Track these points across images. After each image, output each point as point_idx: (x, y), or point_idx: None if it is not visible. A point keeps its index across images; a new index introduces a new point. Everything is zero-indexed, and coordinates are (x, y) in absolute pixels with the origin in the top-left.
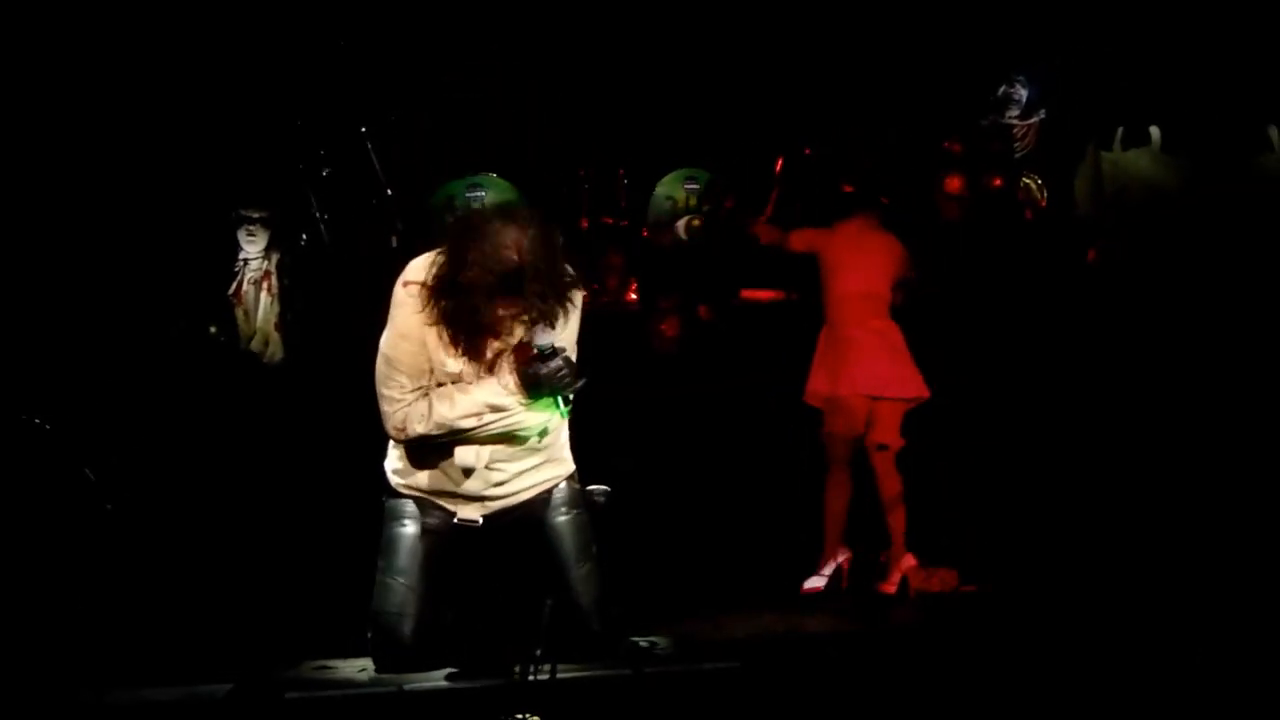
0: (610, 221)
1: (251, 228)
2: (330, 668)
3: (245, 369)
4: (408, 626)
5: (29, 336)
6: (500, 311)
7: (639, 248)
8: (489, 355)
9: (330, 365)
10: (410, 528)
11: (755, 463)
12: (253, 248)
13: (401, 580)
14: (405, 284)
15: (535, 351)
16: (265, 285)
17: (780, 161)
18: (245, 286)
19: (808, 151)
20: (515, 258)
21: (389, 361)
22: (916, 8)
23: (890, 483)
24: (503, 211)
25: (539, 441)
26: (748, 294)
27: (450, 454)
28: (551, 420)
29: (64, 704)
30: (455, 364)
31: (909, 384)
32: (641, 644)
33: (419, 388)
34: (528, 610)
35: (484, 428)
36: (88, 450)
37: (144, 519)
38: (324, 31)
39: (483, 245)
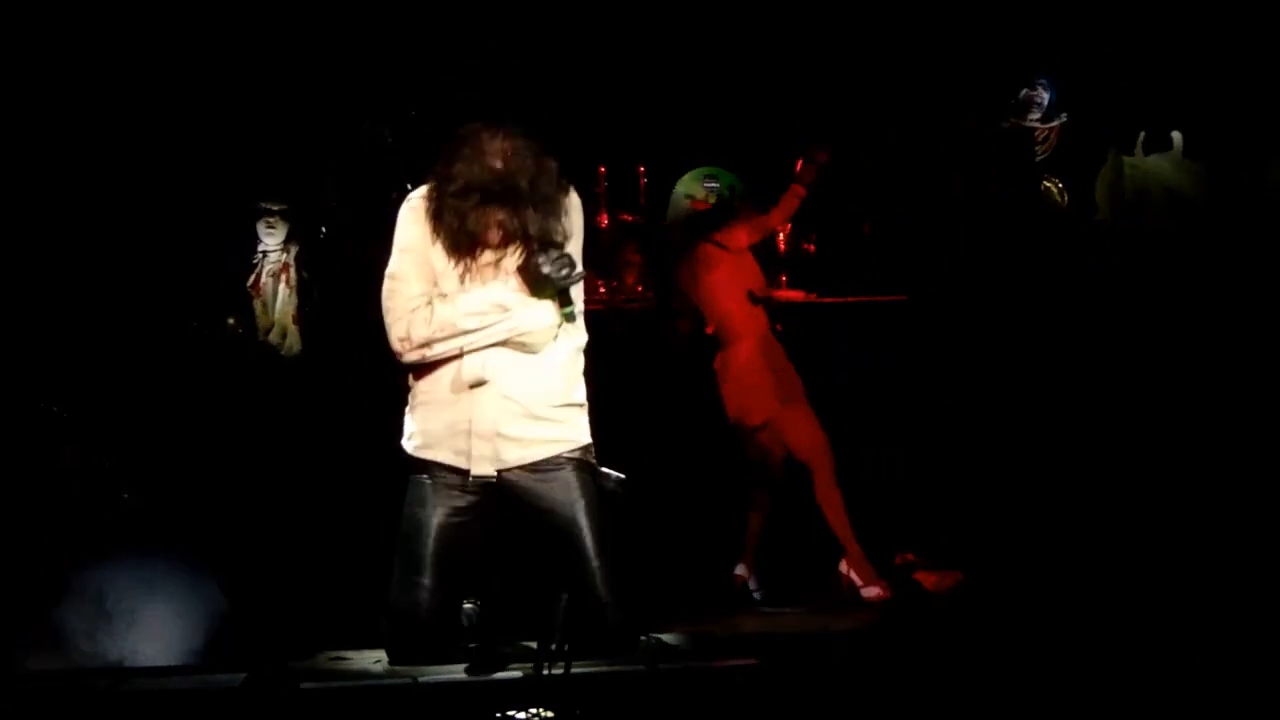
0: (629, 219)
1: (271, 220)
2: (345, 659)
3: (262, 361)
4: (423, 616)
5: (48, 328)
6: (489, 220)
7: (658, 245)
8: (486, 262)
9: (347, 358)
10: (427, 512)
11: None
12: (272, 240)
13: (418, 569)
14: (408, 201)
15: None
16: (284, 278)
17: (800, 163)
18: (264, 279)
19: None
20: (500, 165)
21: (393, 277)
22: (932, 7)
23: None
24: (489, 123)
25: (552, 349)
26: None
27: (460, 387)
28: (560, 340)
29: (81, 692)
30: (455, 271)
31: (778, 394)
32: (657, 640)
33: (423, 293)
34: (544, 604)
35: (487, 329)
36: (106, 441)
37: (161, 509)
38: (344, 24)
39: (468, 155)
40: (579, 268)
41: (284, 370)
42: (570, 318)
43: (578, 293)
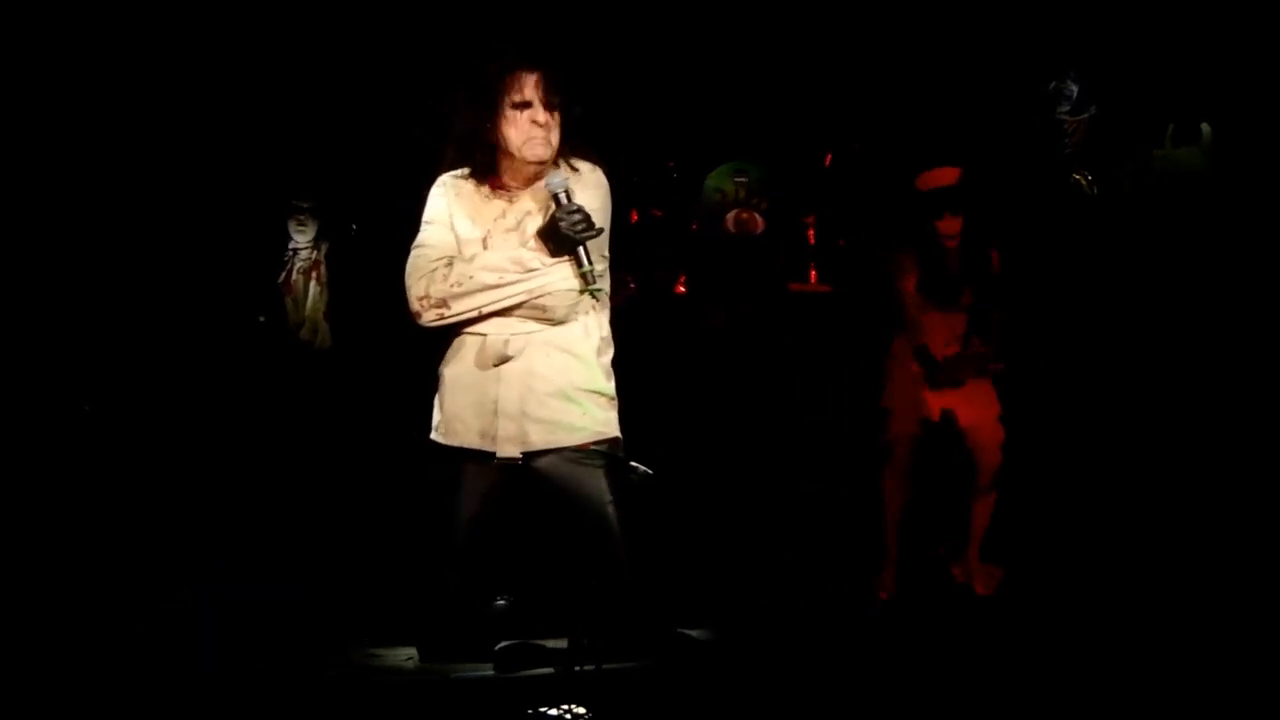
0: (659, 214)
1: (301, 217)
2: (377, 656)
3: (293, 357)
4: (452, 608)
5: (82, 325)
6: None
7: (687, 240)
8: (508, 228)
9: (378, 353)
10: (455, 503)
11: (802, 456)
12: (302, 237)
13: (447, 562)
14: (438, 181)
15: (550, 197)
16: (315, 275)
17: (829, 157)
18: (295, 276)
19: (857, 147)
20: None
21: (417, 246)
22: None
23: None
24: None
25: (576, 332)
26: (797, 288)
27: (485, 364)
28: (584, 323)
29: (111, 682)
30: (478, 237)
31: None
32: (687, 636)
33: (443, 258)
34: (574, 601)
35: (505, 286)
36: (136, 434)
37: (191, 507)
38: (379, 19)
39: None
40: (596, 225)
41: (315, 366)
42: (588, 280)
43: (598, 257)
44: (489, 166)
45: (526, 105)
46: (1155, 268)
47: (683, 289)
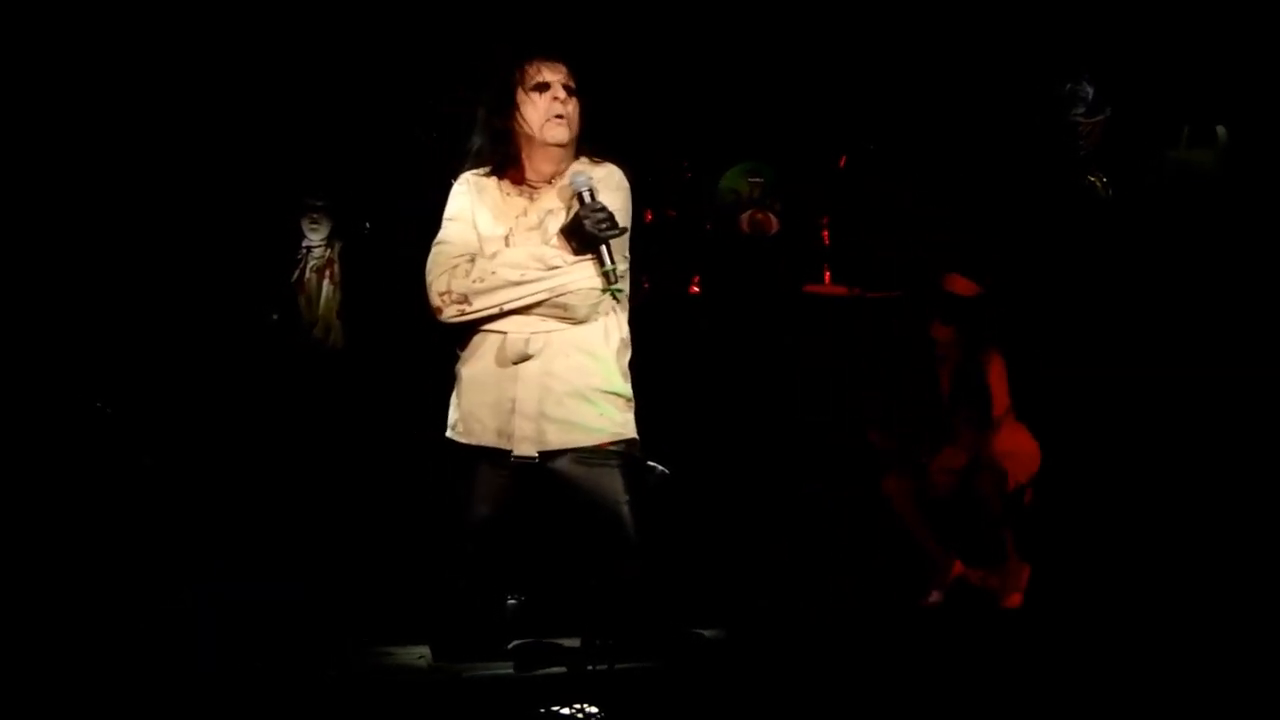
0: (673, 214)
1: (315, 216)
2: (389, 654)
3: (306, 356)
4: (468, 608)
5: (93, 323)
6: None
7: (701, 241)
8: (530, 226)
9: (391, 353)
10: (470, 503)
11: (802, 456)
12: (316, 236)
13: (460, 561)
14: (459, 179)
15: (573, 194)
16: (328, 274)
17: (844, 160)
18: (308, 274)
19: (871, 148)
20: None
21: (438, 244)
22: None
23: None
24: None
25: (596, 334)
26: (812, 289)
27: (505, 363)
28: (603, 324)
29: (111, 682)
30: (500, 235)
31: None
32: (700, 636)
33: (465, 254)
34: (586, 600)
35: (528, 283)
36: (150, 436)
37: (204, 508)
38: (391, 18)
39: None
40: (619, 225)
41: (328, 365)
42: (610, 279)
43: (620, 256)
44: (510, 157)
45: (545, 87)
46: (1170, 269)
47: (696, 289)
